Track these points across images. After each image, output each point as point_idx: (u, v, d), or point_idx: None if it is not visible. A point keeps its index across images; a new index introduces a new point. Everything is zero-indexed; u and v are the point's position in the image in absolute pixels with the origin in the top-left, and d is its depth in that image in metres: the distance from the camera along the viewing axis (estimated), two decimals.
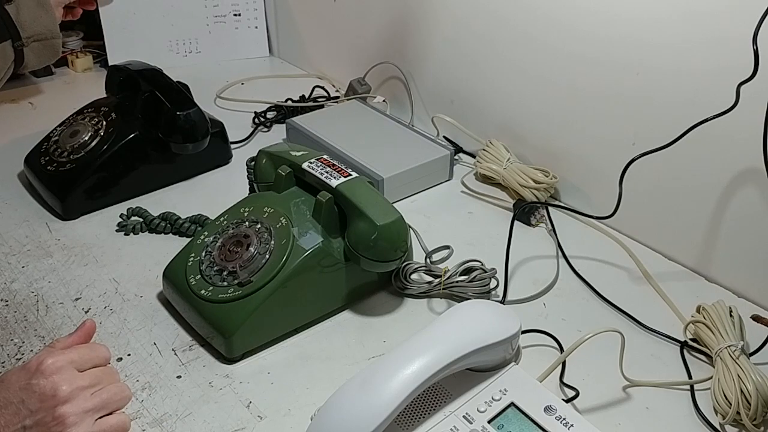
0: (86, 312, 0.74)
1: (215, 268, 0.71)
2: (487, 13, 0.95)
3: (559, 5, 0.86)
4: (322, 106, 1.15)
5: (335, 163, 0.76)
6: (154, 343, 0.70)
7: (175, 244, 0.80)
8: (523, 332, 0.68)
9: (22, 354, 0.68)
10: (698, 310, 0.71)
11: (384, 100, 1.14)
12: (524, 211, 0.89)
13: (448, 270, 0.75)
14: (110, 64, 1.18)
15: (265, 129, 1.14)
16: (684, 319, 0.73)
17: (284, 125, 1.07)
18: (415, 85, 1.12)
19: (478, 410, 0.58)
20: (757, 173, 0.72)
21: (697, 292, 0.78)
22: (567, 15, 0.85)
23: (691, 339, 0.71)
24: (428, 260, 0.80)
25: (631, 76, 0.81)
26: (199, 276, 0.71)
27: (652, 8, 0.77)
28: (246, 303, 0.68)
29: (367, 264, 0.71)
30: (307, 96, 1.20)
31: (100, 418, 0.58)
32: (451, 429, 0.56)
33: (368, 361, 0.69)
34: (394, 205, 0.73)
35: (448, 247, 0.83)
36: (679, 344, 0.71)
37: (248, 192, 0.87)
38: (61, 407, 0.55)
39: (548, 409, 0.58)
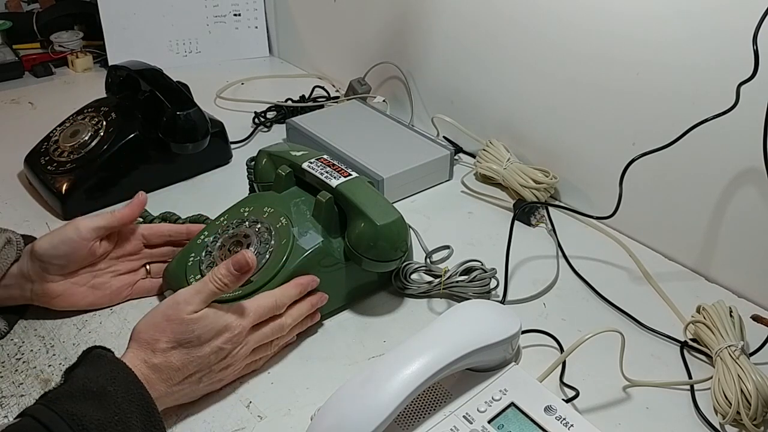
0: (86, 312, 0.74)
1: None
2: (488, 13, 0.95)
3: (560, 4, 0.86)
4: (322, 106, 1.15)
5: (335, 163, 0.76)
6: None
7: None
8: (523, 332, 0.68)
9: (22, 354, 0.68)
10: (698, 310, 0.71)
11: (384, 100, 1.14)
12: (524, 211, 0.89)
13: (448, 270, 0.75)
14: (110, 64, 1.19)
15: (265, 129, 1.14)
16: (684, 319, 0.73)
17: (284, 125, 1.07)
18: (415, 85, 1.12)
19: (478, 410, 0.58)
20: (757, 173, 0.72)
21: (697, 292, 0.78)
22: (568, 14, 0.85)
23: (691, 339, 0.71)
24: (428, 260, 0.80)
25: (631, 75, 0.81)
26: (199, 276, 0.71)
27: (652, 6, 0.76)
28: None
29: (367, 264, 0.71)
30: (307, 96, 1.21)
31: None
32: (451, 429, 0.56)
33: (368, 361, 0.69)
34: (394, 205, 0.73)
35: (448, 247, 0.83)
36: (679, 344, 0.71)
37: (248, 192, 0.87)
38: (233, 361, 0.63)
39: (548, 409, 0.58)
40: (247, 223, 0.73)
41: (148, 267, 0.77)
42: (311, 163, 0.76)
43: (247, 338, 0.63)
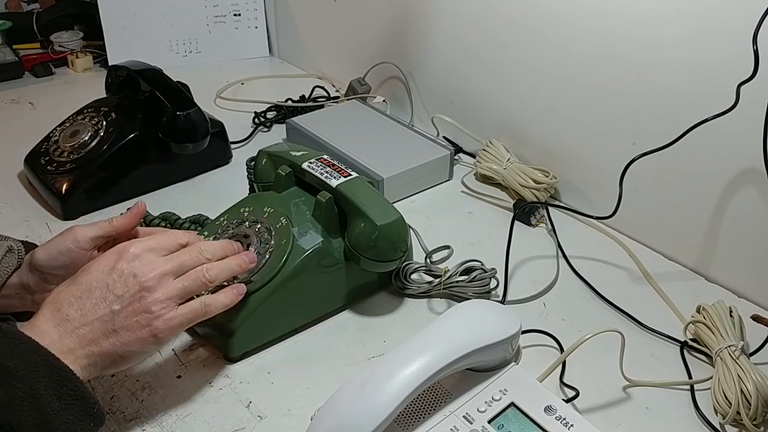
0: None
1: None
2: (488, 13, 0.95)
3: (560, 4, 0.86)
4: (322, 106, 1.15)
5: (335, 163, 0.76)
6: None
7: None
8: (523, 332, 0.68)
9: None
10: (698, 310, 0.71)
11: (384, 100, 1.14)
12: (524, 211, 0.89)
13: (448, 270, 0.75)
14: (110, 64, 1.19)
15: (265, 129, 1.14)
16: (684, 319, 0.73)
17: (284, 125, 1.07)
18: (415, 85, 1.12)
19: (478, 410, 0.58)
20: (757, 173, 0.72)
21: (697, 292, 0.78)
22: (568, 14, 0.85)
23: (691, 339, 0.71)
24: (428, 260, 0.80)
25: (631, 75, 0.81)
26: None
27: (652, 6, 0.77)
28: (246, 303, 0.67)
29: (367, 264, 0.71)
30: (307, 96, 1.21)
31: (184, 302, 0.59)
32: (451, 429, 0.56)
33: (368, 361, 0.69)
34: (394, 205, 0.73)
35: (448, 247, 0.83)
36: (679, 344, 0.71)
37: (248, 192, 0.87)
38: (147, 294, 0.56)
39: (548, 409, 0.58)
40: (247, 223, 0.73)
41: None
42: (311, 163, 0.76)
43: (148, 256, 0.57)
